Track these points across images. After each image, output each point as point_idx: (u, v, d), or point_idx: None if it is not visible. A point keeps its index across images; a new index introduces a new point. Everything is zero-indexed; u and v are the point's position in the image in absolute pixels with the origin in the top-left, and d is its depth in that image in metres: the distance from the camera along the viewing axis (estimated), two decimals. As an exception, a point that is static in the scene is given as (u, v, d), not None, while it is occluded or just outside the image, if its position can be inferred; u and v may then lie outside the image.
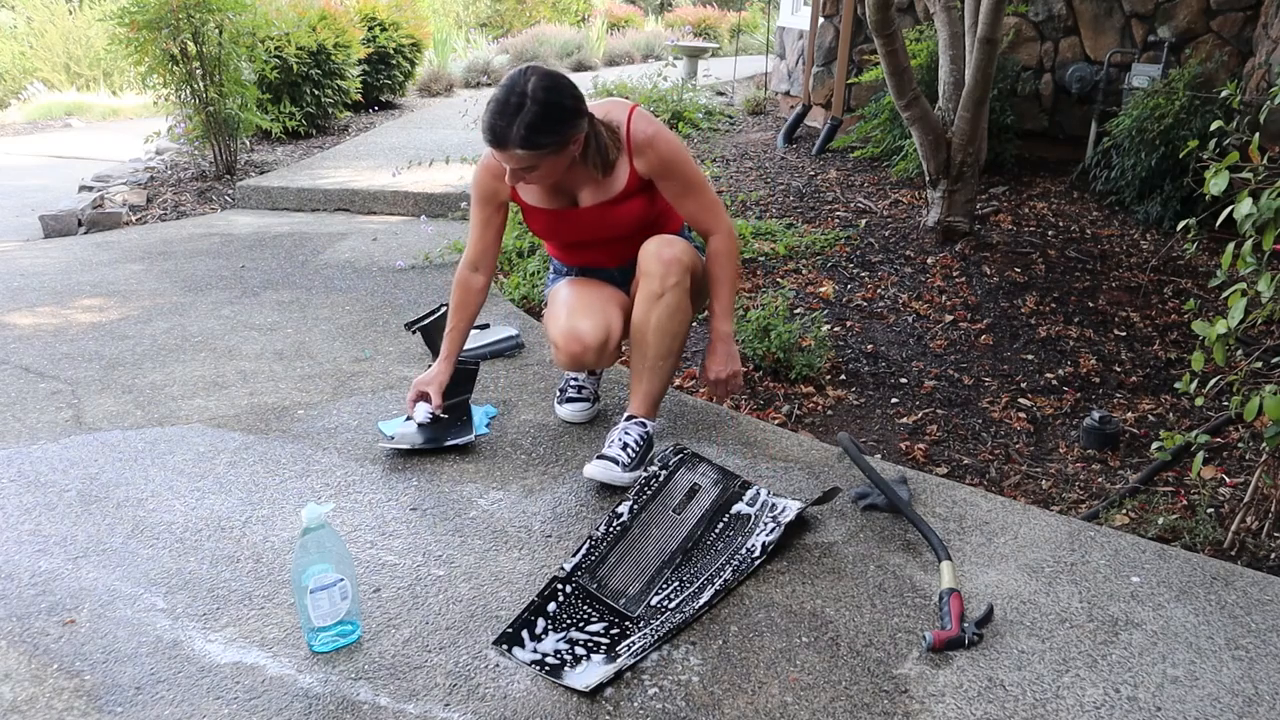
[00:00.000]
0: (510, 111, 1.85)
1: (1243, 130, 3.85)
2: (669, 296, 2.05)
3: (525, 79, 1.88)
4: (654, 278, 2.05)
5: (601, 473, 2.06)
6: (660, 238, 2.10)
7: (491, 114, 1.87)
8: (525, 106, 1.85)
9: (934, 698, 1.48)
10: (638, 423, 2.16)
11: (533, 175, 1.96)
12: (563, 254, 2.33)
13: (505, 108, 1.86)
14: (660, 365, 2.13)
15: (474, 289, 2.26)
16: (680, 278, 2.06)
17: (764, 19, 12.53)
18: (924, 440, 2.65)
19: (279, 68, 6.33)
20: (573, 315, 2.16)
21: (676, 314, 2.08)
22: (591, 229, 2.16)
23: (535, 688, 1.50)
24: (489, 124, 1.88)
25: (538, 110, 1.85)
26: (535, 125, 1.85)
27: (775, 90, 7.70)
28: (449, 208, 4.82)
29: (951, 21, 4.00)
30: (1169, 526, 2.19)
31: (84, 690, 1.48)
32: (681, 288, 2.06)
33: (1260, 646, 1.61)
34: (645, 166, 2.08)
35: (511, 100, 1.86)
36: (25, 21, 11.48)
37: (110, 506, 2.02)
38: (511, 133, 1.86)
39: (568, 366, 2.19)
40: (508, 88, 1.88)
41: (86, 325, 3.18)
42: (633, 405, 2.18)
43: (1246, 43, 5.03)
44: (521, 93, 1.86)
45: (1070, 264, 3.96)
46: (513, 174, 1.96)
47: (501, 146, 1.88)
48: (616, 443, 2.12)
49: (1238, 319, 1.87)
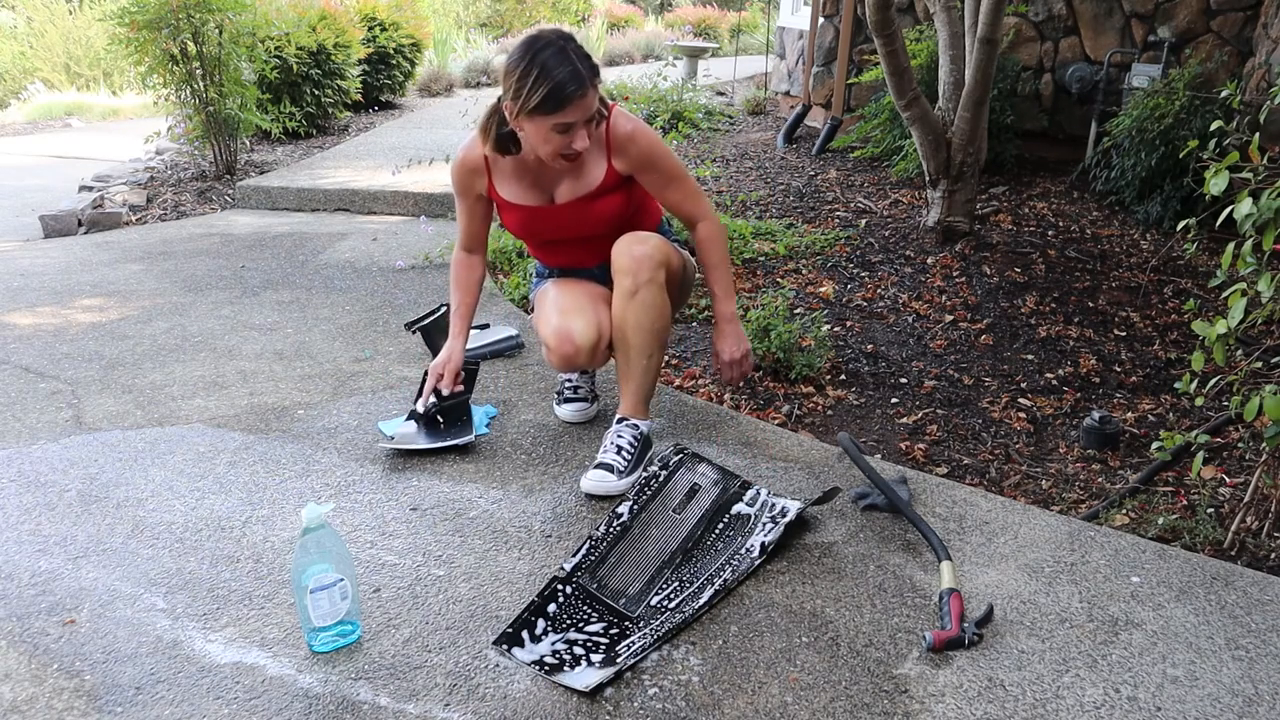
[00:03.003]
0: (572, 56, 1.88)
1: (1243, 130, 3.85)
2: (644, 293, 2.03)
3: (546, 34, 1.92)
4: (627, 274, 2.04)
5: (598, 485, 2.05)
6: (631, 236, 2.09)
7: (557, 65, 1.86)
8: (570, 46, 1.89)
9: (934, 698, 1.48)
10: (629, 425, 2.15)
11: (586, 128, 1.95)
12: (542, 253, 2.33)
13: (567, 55, 1.88)
14: (644, 363, 2.10)
15: (473, 267, 2.31)
16: (653, 273, 2.04)
17: (764, 19, 12.53)
18: (924, 440, 2.65)
19: (279, 68, 6.33)
20: (564, 316, 2.16)
21: (653, 309, 2.05)
22: (568, 225, 2.16)
23: (535, 688, 1.50)
24: (564, 77, 1.86)
25: (576, 44, 1.91)
26: (588, 56, 1.91)
27: (775, 90, 7.70)
28: (449, 208, 4.82)
29: (951, 21, 4.00)
30: (1169, 526, 2.19)
31: (84, 690, 1.48)
32: (655, 283, 2.05)
33: (1260, 646, 1.61)
34: (626, 164, 2.10)
35: (569, 49, 1.89)
36: (25, 21, 11.48)
37: (110, 506, 2.02)
38: (584, 71, 1.89)
39: (561, 368, 2.18)
40: (546, 45, 1.88)
41: (86, 325, 3.18)
42: (623, 406, 2.17)
43: (1246, 43, 5.03)
44: (562, 37, 1.91)
45: (1070, 264, 3.96)
46: (581, 129, 1.94)
47: (582, 90, 1.88)
48: (611, 448, 2.11)
49: (1238, 319, 1.87)
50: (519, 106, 1.89)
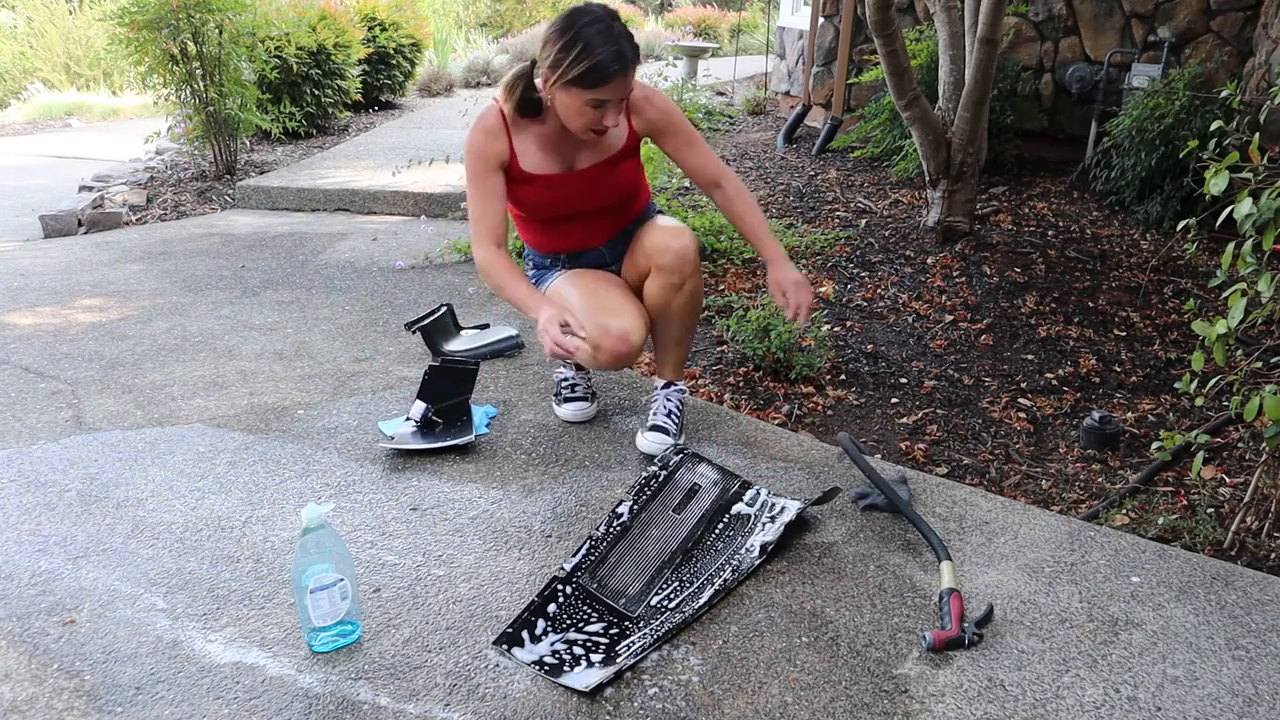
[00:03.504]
0: (617, 35, 1.89)
1: (1243, 130, 3.85)
2: (689, 285, 2.15)
3: (593, 8, 1.91)
4: (673, 271, 2.12)
5: (656, 446, 2.21)
6: (664, 228, 2.14)
7: (602, 42, 1.86)
8: (617, 25, 1.90)
9: (934, 698, 1.48)
10: (677, 390, 2.32)
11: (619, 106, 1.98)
12: (549, 236, 2.25)
13: (614, 33, 1.89)
14: (686, 338, 2.28)
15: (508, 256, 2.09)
16: (695, 265, 2.15)
17: (764, 19, 12.53)
18: (924, 440, 2.65)
19: (279, 68, 6.33)
20: (611, 315, 2.09)
21: (696, 296, 2.20)
22: (586, 194, 2.17)
23: (535, 688, 1.50)
24: (608, 55, 1.86)
25: (622, 23, 1.92)
26: (630, 36, 1.92)
27: (775, 90, 7.70)
28: (449, 208, 4.82)
29: (951, 21, 4.00)
30: (1169, 526, 2.19)
31: (84, 690, 1.48)
32: (697, 274, 2.17)
33: (1260, 646, 1.61)
34: (644, 124, 2.15)
35: (615, 27, 1.89)
36: (25, 21, 11.48)
37: (110, 506, 2.02)
38: (627, 51, 1.90)
39: (609, 366, 2.10)
40: (594, 20, 1.88)
41: (86, 325, 3.18)
42: (668, 373, 2.32)
43: (1246, 43, 5.03)
44: (609, 15, 1.91)
45: (1070, 264, 3.96)
46: (615, 108, 1.96)
47: (623, 70, 1.90)
48: (661, 411, 2.28)
49: (1238, 319, 1.87)
50: (557, 76, 1.91)
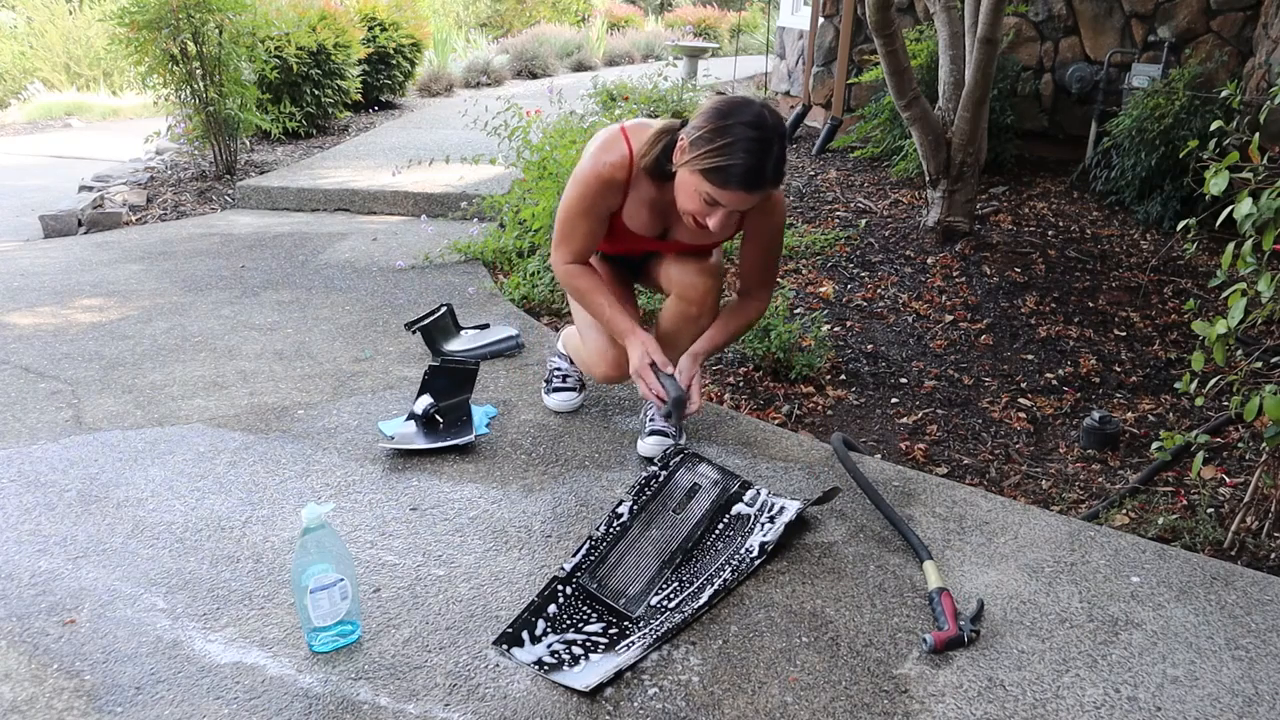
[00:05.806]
0: (774, 155, 1.81)
1: (1243, 130, 3.85)
2: (704, 320, 2.18)
3: (770, 117, 1.82)
4: (692, 303, 2.15)
5: (657, 449, 2.22)
6: (697, 264, 2.14)
7: (753, 155, 1.78)
8: (775, 146, 1.81)
9: (934, 698, 1.48)
10: None
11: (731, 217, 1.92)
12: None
13: (768, 150, 1.79)
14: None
15: (591, 266, 2.17)
16: (716, 304, 2.18)
17: (764, 19, 12.53)
18: (924, 440, 2.65)
19: (279, 68, 6.32)
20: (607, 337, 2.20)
21: (707, 327, 2.21)
22: (666, 249, 2.20)
23: (535, 688, 1.50)
24: (751, 167, 1.78)
25: (782, 146, 1.83)
26: (783, 161, 1.85)
27: (775, 90, 7.70)
28: (449, 208, 4.82)
29: (951, 21, 4.00)
30: (1169, 526, 2.19)
31: (84, 690, 1.48)
32: (715, 310, 2.19)
33: (1260, 646, 1.61)
34: (750, 222, 2.06)
35: (772, 144, 1.80)
36: (25, 21, 11.47)
37: (110, 506, 2.02)
38: (770, 172, 1.82)
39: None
40: (758, 126, 1.79)
41: (86, 325, 3.18)
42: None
43: (1246, 43, 5.03)
44: (775, 131, 1.81)
45: (1070, 264, 3.96)
46: (726, 215, 1.87)
47: (756, 188, 1.82)
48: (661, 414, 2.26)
49: (1238, 319, 1.87)
50: (692, 156, 1.83)
